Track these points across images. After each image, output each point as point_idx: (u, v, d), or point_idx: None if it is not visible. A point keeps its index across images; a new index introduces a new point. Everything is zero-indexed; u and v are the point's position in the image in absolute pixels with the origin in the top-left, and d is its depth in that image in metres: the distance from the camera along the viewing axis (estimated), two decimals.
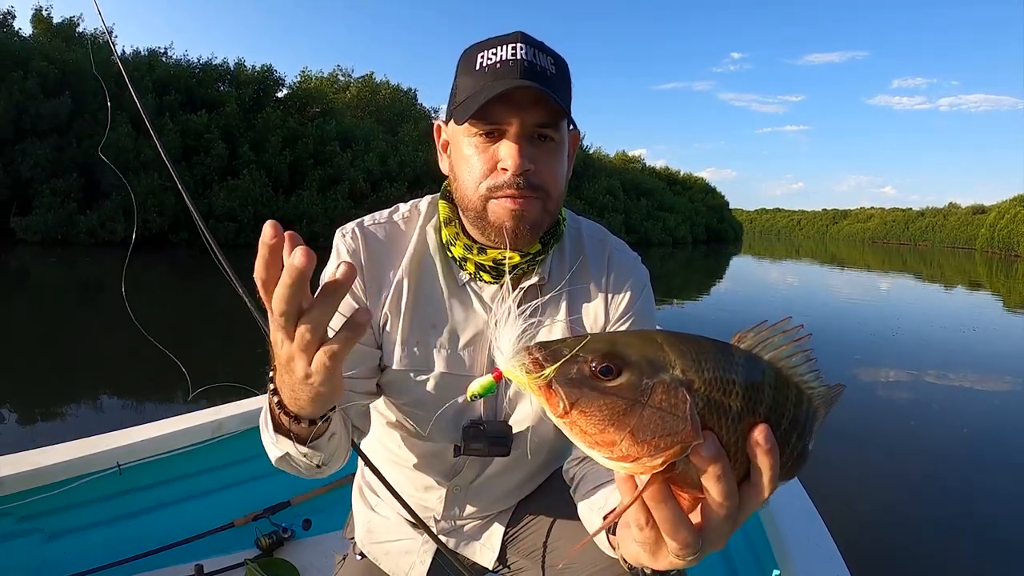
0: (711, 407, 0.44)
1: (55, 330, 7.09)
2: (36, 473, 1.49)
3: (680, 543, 0.47)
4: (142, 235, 18.44)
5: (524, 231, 0.85)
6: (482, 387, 0.55)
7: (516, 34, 0.84)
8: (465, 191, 0.87)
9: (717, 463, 0.43)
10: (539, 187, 0.84)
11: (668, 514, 0.46)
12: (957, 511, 3.36)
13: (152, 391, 4.78)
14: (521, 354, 0.45)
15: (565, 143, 0.90)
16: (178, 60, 24.53)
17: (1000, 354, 8.34)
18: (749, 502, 0.47)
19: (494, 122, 0.82)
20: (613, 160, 54.97)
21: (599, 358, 0.43)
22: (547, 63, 0.83)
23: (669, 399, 0.43)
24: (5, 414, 4.41)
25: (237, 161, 21.42)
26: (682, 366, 0.44)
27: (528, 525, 1.07)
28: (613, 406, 0.42)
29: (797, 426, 0.49)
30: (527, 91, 0.80)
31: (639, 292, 0.99)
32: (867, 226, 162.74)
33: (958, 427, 4.93)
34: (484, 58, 0.83)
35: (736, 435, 0.45)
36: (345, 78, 32.37)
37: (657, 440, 0.42)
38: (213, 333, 7.08)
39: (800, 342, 0.48)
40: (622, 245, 1.05)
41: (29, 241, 17.03)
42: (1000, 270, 35.78)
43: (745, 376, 0.45)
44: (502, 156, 0.82)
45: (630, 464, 0.43)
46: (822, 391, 0.51)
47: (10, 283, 11.52)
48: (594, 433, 0.43)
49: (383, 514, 1.11)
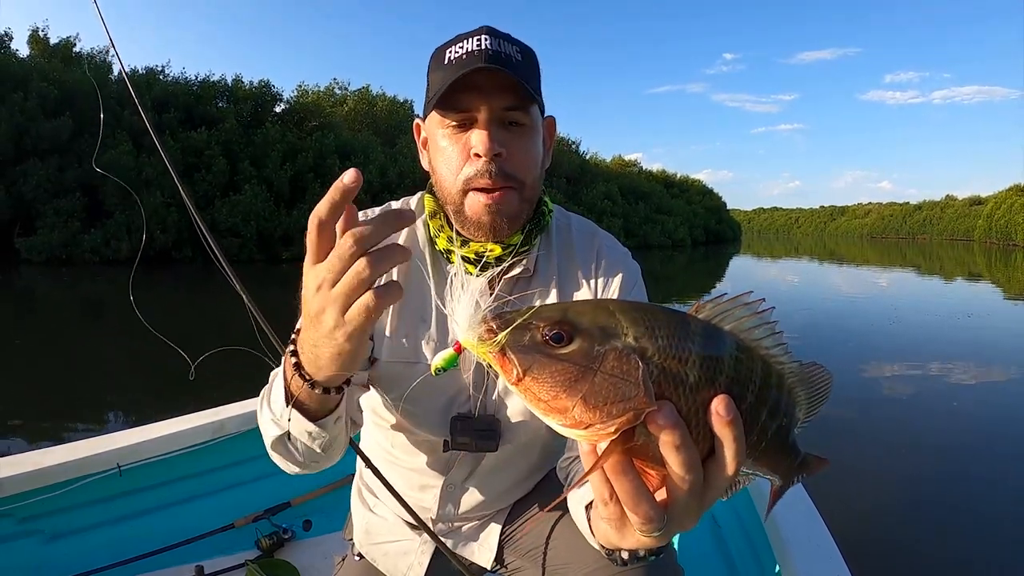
0: (666, 376, 0.43)
1: (59, 345, 7.13)
2: (37, 474, 1.49)
3: (641, 517, 0.46)
4: (146, 252, 18.55)
5: (501, 224, 0.88)
6: (444, 360, 0.56)
7: (482, 28, 0.86)
8: (443, 183, 0.89)
9: (674, 431, 0.43)
10: (512, 175, 0.86)
11: (627, 486, 0.45)
12: (958, 508, 3.35)
13: (154, 395, 4.81)
14: (477, 324, 0.46)
15: (538, 128, 0.91)
16: (176, 78, 24.79)
17: (998, 342, 8.33)
18: (715, 478, 0.46)
19: (462, 110, 0.84)
20: (610, 165, 55.14)
21: (550, 325, 0.44)
22: (512, 51, 0.85)
23: (621, 365, 0.42)
24: (7, 419, 4.48)
25: (238, 177, 21.59)
26: (635, 333, 0.43)
27: (525, 525, 1.08)
28: (565, 372, 0.43)
29: (767, 402, 0.48)
30: (493, 77, 0.82)
31: (630, 286, 0.99)
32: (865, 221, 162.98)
33: (958, 421, 4.91)
34: (452, 52, 0.85)
35: (695, 406, 0.44)
36: (342, 91, 32.58)
37: (609, 406, 0.42)
38: (217, 341, 7.12)
39: (763, 315, 0.47)
40: (612, 239, 1.05)
41: (34, 261, 17.13)
42: (999, 260, 35.74)
43: (702, 346, 0.45)
44: (474, 143, 0.84)
45: (584, 431, 0.43)
46: (794, 367, 0.50)
47: (16, 302, 11.60)
48: (547, 399, 0.43)
49: (381, 515, 1.12)
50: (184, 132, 21.49)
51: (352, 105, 31.09)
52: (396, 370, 0.94)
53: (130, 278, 1.30)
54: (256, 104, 25.31)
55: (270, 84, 26.17)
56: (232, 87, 25.50)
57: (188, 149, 21.03)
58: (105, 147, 18.79)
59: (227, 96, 25.24)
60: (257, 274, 16.99)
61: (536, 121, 0.90)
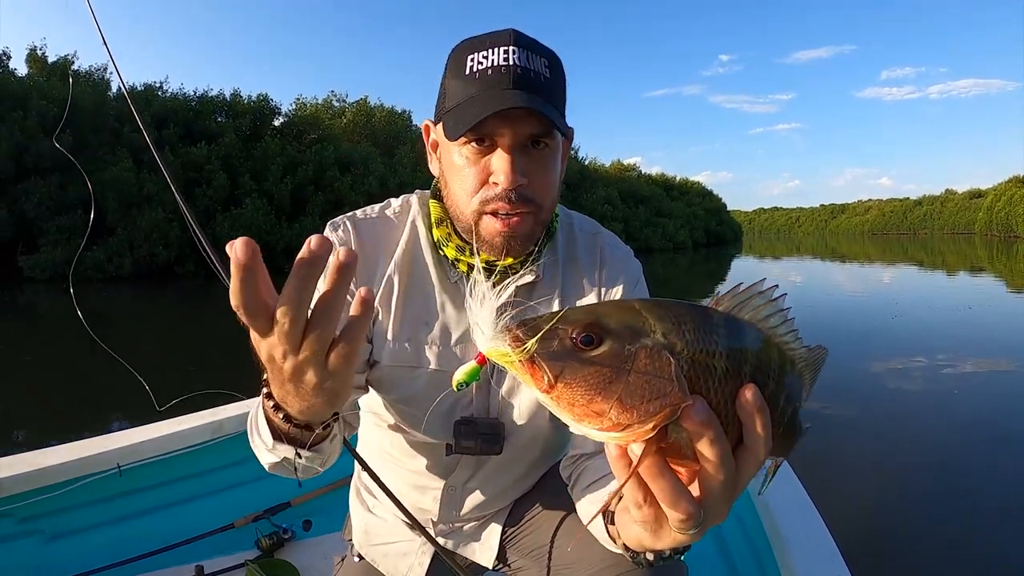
0: (696, 369, 0.44)
1: (61, 360, 7.16)
2: (37, 474, 1.50)
3: (682, 513, 0.46)
4: (148, 268, 18.60)
5: (515, 247, 0.85)
6: (467, 374, 0.53)
7: (507, 33, 0.81)
8: (457, 203, 0.86)
9: (708, 425, 0.43)
10: (531, 200, 0.83)
11: (666, 485, 0.45)
12: (958, 507, 3.32)
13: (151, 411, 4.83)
14: (501, 333, 0.44)
15: (559, 147, 0.88)
16: (174, 94, 24.93)
17: (998, 334, 8.30)
18: (745, 467, 0.46)
19: (485, 134, 0.80)
20: (609, 170, 55.18)
21: (579, 328, 0.43)
22: (540, 66, 0.81)
23: (653, 363, 0.42)
24: (8, 430, 4.50)
25: (239, 191, 21.66)
26: (663, 330, 0.44)
27: (527, 524, 1.06)
28: (598, 375, 0.42)
29: (784, 388, 0.49)
30: (520, 101, 0.77)
31: (632, 285, 0.98)
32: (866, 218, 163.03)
33: (958, 415, 4.86)
34: (475, 62, 0.80)
35: (724, 397, 0.45)
36: (340, 103, 32.72)
37: (646, 404, 0.42)
38: (217, 357, 7.13)
39: (776, 302, 0.48)
40: (614, 239, 1.04)
41: (37, 279, 17.16)
42: (1001, 252, 35.63)
43: (727, 337, 0.45)
44: (494, 170, 0.81)
45: (621, 433, 0.43)
46: (803, 352, 0.51)
47: (20, 320, 11.62)
48: (582, 404, 0.42)
49: (380, 515, 1.10)
50: (184, 147, 21.59)
51: (350, 117, 31.21)
52: (398, 374, 0.93)
53: (69, 272, 1.30)
54: (255, 118, 25.42)
55: (268, 98, 26.33)
56: (231, 101, 25.66)
57: (188, 164, 21.12)
58: (105, 163, 18.92)
59: (226, 111, 25.38)
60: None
61: (559, 141, 0.86)
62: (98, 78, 23.19)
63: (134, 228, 18.75)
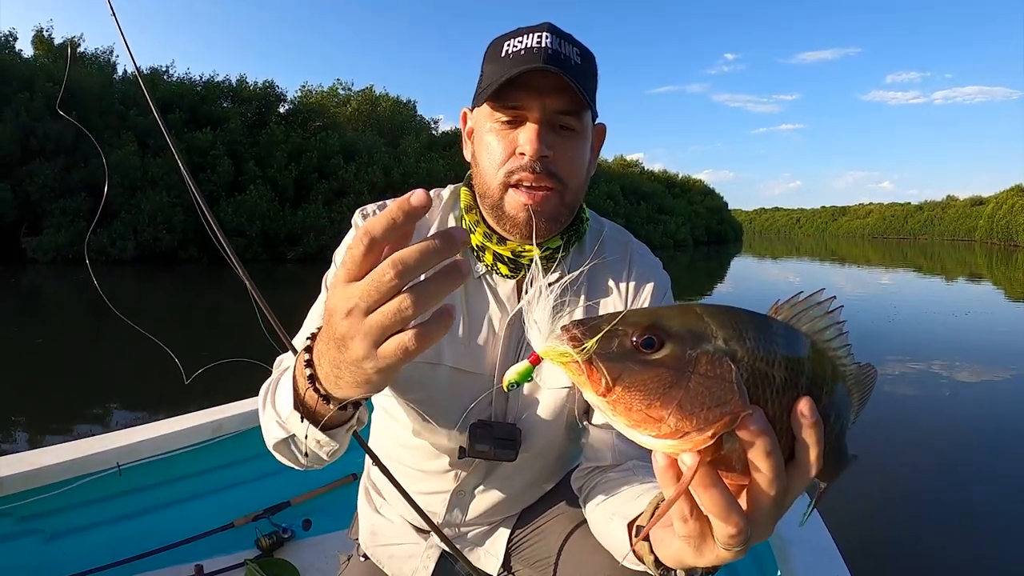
0: (755, 378, 0.42)
1: (63, 344, 7.17)
2: (36, 473, 1.49)
3: (733, 527, 0.43)
4: (152, 252, 18.65)
5: (540, 225, 0.84)
6: (519, 374, 0.51)
7: (544, 24, 0.84)
8: (484, 176, 0.87)
9: (765, 436, 0.41)
10: (555, 175, 0.83)
11: (719, 497, 0.43)
12: (958, 506, 3.33)
13: (155, 396, 4.82)
14: (558, 333, 0.43)
15: (588, 135, 0.88)
16: (180, 79, 24.89)
17: (995, 339, 8.37)
18: (795, 483, 0.45)
19: (514, 106, 0.82)
20: (612, 165, 55.09)
21: (640, 330, 0.42)
22: (572, 53, 0.83)
23: (715, 369, 0.41)
24: (11, 420, 4.53)
25: (243, 177, 21.67)
26: (724, 336, 0.42)
27: (534, 533, 1.05)
28: (658, 379, 0.41)
29: (834, 404, 0.48)
30: (548, 77, 0.80)
31: (660, 297, 0.97)
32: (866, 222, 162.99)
33: (955, 417, 4.89)
34: (510, 46, 0.83)
35: (780, 409, 0.43)
36: (345, 92, 32.59)
37: (706, 412, 0.40)
38: (221, 341, 7.18)
39: (833, 314, 0.47)
40: (644, 248, 1.03)
41: (40, 261, 17.23)
42: (1000, 260, 35.68)
43: (786, 347, 0.44)
44: (521, 142, 0.82)
45: (677, 440, 0.41)
46: (854, 369, 0.50)
47: (23, 302, 11.67)
48: (640, 409, 0.41)
49: (387, 516, 1.09)
50: (189, 132, 21.58)
51: (356, 106, 31.11)
52: (417, 372, 0.91)
53: (85, 245, 1.25)
54: (260, 104, 25.41)
55: (274, 85, 26.30)
56: (236, 87, 25.62)
57: (193, 149, 21.13)
58: (111, 147, 18.93)
59: (231, 96, 25.35)
60: (262, 273, 17.10)
61: (587, 127, 0.87)
62: (104, 61, 23.14)
63: (138, 211, 18.78)
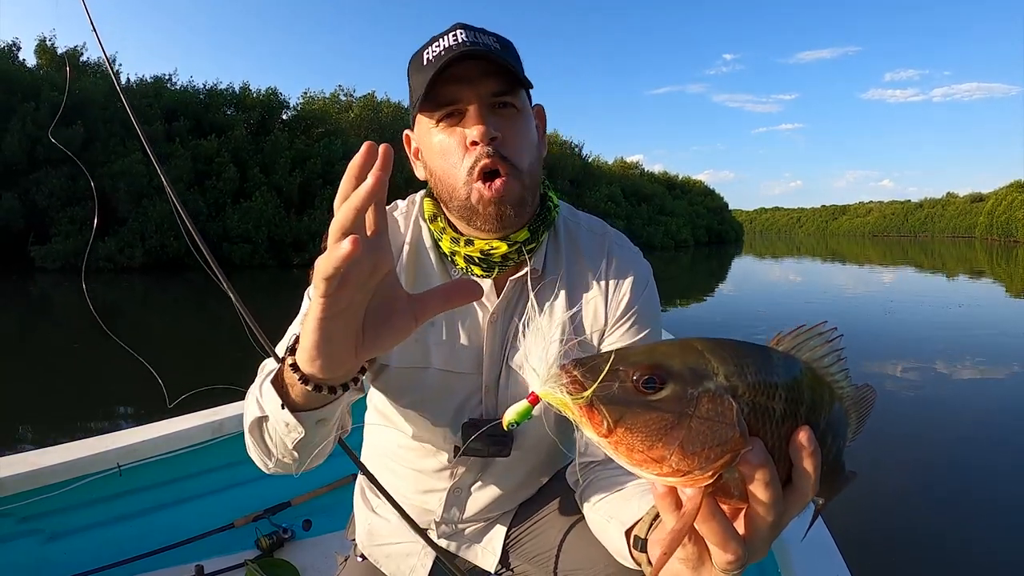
0: (756, 412, 0.43)
1: (69, 351, 7.26)
2: (36, 474, 1.49)
3: (732, 555, 0.45)
4: (159, 260, 18.81)
5: (508, 212, 0.84)
6: (518, 414, 0.51)
7: (455, 24, 0.85)
8: (447, 180, 0.86)
9: (765, 469, 0.42)
10: (507, 159, 0.83)
11: (718, 528, 0.44)
12: (957, 505, 3.30)
13: (153, 402, 4.93)
14: (557, 375, 0.43)
15: (529, 112, 0.89)
16: (184, 86, 25.10)
17: (994, 336, 8.35)
18: (792, 507, 0.46)
19: (449, 102, 0.83)
20: (612, 167, 55.13)
21: (641, 370, 0.42)
22: (489, 41, 0.83)
23: (716, 408, 0.41)
24: (11, 421, 4.62)
25: (248, 184, 21.85)
26: (725, 372, 0.43)
27: (531, 528, 1.06)
28: (660, 420, 0.41)
29: (832, 428, 0.49)
30: (476, 65, 0.81)
31: (641, 288, 0.96)
32: (867, 220, 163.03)
33: (958, 417, 4.85)
34: (429, 53, 0.83)
35: (779, 439, 0.44)
36: (347, 98, 32.80)
37: (707, 451, 0.41)
38: (223, 348, 7.19)
39: (833, 343, 0.48)
40: (622, 238, 1.02)
41: (48, 269, 17.36)
42: (1000, 257, 35.56)
43: (786, 378, 0.45)
44: (468, 131, 0.82)
45: (680, 479, 0.42)
46: (851, 391, 0.51)
47: (31, 310, 11.75)
48: (642, 450, 0.41)
49: (384, 516, 1.10)
50: (194, 140, 21.78)
51: (358, 112, 31.31)
52: (407, 376, 0.92)
53: (81, 269, 1.32)
54: (264, 112, 25.62)
55: (277, 92, 26.53)
56: (240, 95, 25.85)
57: (198, 157, 21.32)
58: (116, 155, 19.11)
59: (235, 104, 25.59)
60: (269, 279, 17.26)
61: (526, 105, 0.88)
62: (106, 70, 23.25)
63: (145, 219, 18.95)
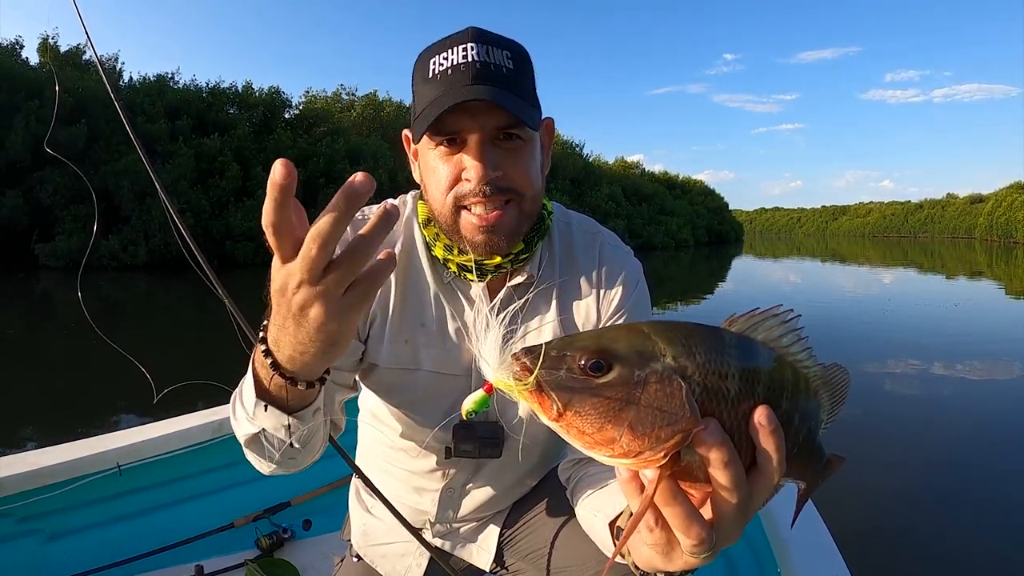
0: (708, 392, 0.43)
1: (70, 347, 7.26)
2: (36, 474, 1.49)
3: (695, 539, 0.44)
4: (162, 258, 18.87)
5: (499, 242, 0.83)
6: (475, 403, 0.52)
7: (467, 32, 0.80)
8: (434, 203, 0.85)
9: (722, 448, 0.42)
10: (508, 189, 0.81)
11: (679, 511, 0.44)
12: (957, 504, 3.30)
13: (153, 404, 4.94)
14: (508, 362, 0.44)
15: (535, 138, 0.86)
16: (187, 85, 25.14)
17: (993, 337, 8.35)
18: (759, 489, 0.45)
19: (452, 132, 0.80)
20: (612, 167, 55.09)
21: (587, 355, 0.42)
22: (502, 59, 0.80)
23: (664, 388, 0.42)
24: (12, 422, 4.61)
25: (251, 182, 21.85)
26: (673, 353, 0.43)
27: (524, 527, 1.06)
28: (608, 403, 0.41)
29: (798, 408, 0.48)
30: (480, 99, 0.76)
31: (632, 287, 0.96)
32: (867, 220, 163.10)
33: (956, 417, 4.84)
34: (436, 64, 0.80)
35: (737, 420, 0.44)
36: (349, 97, 32.82)
37: (657, 431, 0.41)
38: (223, 348, 7.24)
39: (790, 323, 0.48)
40: (614, 238, 1.02)
41: (52, 267, 17.39)
42: (1000, 258, 35.49)
43: (739, 358, 0.45)
44: (466, 166, 0.80)
45: (632, 460, 0.42)
46: (818, 371, 0.50)
47: (36, 308, 11.83)
48: (592, 432, 0.42)
49: (379, 516, 1.10)
50: (197, 139, 21.81)
51: (360, 111, 31.34)
52: (397, 377, 0.93)
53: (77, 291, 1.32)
54: (266, 110, 25.65)
55: (280, 91, 26.58)
56: (243, 94, 25.89)
57: (201, 155, 21.34)
58: (119, 154, 19.15)
59: (238, 103, 25.63)
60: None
61: (532, 133, 0.84)
62: (109, 67, 23.34)
63: (148, 218, 18.97)
